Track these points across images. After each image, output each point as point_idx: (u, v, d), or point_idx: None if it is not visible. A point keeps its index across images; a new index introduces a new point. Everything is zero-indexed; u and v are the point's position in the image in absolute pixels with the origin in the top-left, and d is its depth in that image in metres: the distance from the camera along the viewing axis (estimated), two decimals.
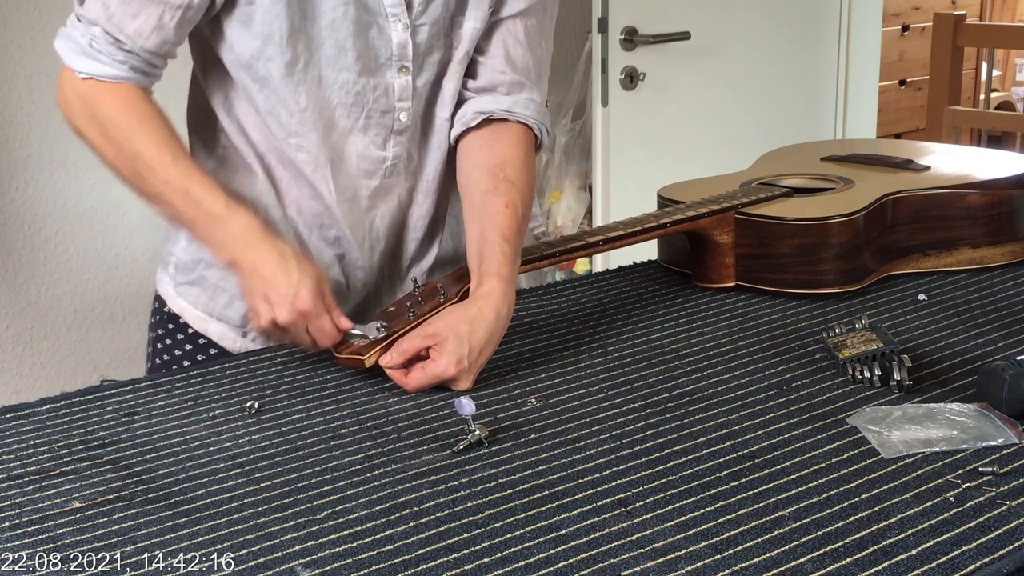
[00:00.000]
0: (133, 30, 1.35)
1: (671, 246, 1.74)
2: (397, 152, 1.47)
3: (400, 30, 1.41)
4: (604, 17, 2.93)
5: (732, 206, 1.62)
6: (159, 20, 1.35)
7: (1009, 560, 0.93)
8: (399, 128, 1.45)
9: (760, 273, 1.62)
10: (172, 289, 1.57)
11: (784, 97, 3.42)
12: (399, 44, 1.41)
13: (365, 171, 1.47)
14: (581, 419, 1.23)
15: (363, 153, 1.46)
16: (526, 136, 1.50)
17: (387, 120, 1.45)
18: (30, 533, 1.01)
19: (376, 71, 1.42)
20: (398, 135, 1.46)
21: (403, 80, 1.43)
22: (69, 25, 1.38)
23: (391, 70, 1.43)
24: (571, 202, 3.26)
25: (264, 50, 1.37)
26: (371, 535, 1.00)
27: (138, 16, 1.34)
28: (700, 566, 0.94)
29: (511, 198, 1.42)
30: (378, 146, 1.46)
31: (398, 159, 1.47)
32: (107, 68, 1.36)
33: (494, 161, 1.46)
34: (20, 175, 2.56)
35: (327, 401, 1.30)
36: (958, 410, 1.21)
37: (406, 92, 1.44)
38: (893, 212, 1.66)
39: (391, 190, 1.50)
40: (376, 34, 1.40)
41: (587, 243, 1.54)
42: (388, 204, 1.50)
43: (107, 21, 1.35)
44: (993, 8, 5.62)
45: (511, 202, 1.42)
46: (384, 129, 1.45)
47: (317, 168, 1.44)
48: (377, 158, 1.46)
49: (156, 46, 1.37)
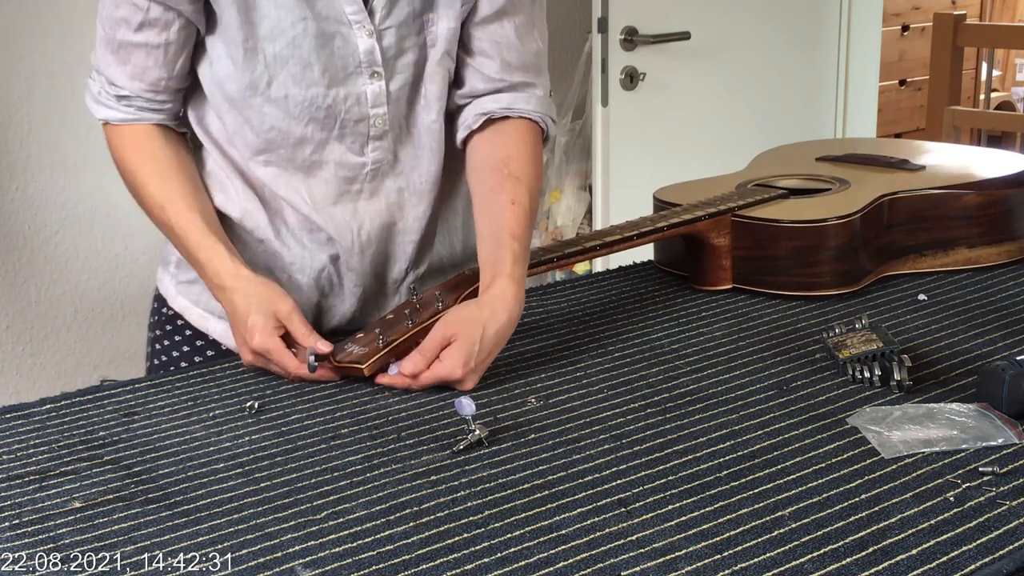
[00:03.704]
0: (125, 77, 1.42)
1: (668, 248, 1.74)
2: (377, 156, 1.46)
3: (365, 36, 1.39)
4: (604, 17, 2.93)
5: (729, 209, 1.62)
6: (144, 62, 1.41)
7: (1009, 560, 0.93)
8: (376, 134, 1.45)
9: (757, 275, 1.62)
10: (173, 287, 1.58)
11: (784, 97, 3.42)
12: (366, 51, 1.40)
13: (345, 178, 1.46)
14: (581, 419, 1.23)
15: (341, 160, 1.45)
16: (530, 130, 1.50)
17: (362, 128, 1.44)
18: (30, 533, 1.01)
19: (345, 81, 1.41)
20: (376, 140, 1.45)
21: (375, 86, 1.42)
22: (89, 78, 1.47)
23: (361, 77, 1.41)
24: (571, 202, 3.26)
25: (230, 71, 1.40)
26: (371, 535, 1.00)
27: (127, 63, 1.41)
28: (700, 566, 0.94)
29: (517, 195, 1.43)
30: (356, 152, 1.45)
31: (379, 163, 1.46)
32: (116, 113, 1.45)
33: (498, 158, 1.46)
34: (20, 175, 2.56)
35: (327, 401, 1.30)
36: (958, 410, 1.21)
37: (380, 98, 1.43)
38: (889, 213, 1.66)
39: (377, 193, 1.48)
40: (340, 44, 1.39)
41: (584, 248, 1.53)
42: (376, 207, 1.49)
43: (105, 69, 1.43)
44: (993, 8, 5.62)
45: (517, 199, 1.43)
46: (360, 136, 1.44)
47: (289, 182, 1.45)
48: (356, 164, 1.46)
49: (151, 86, 1.43)
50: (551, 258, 1.50)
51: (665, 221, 1.60)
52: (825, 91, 3.52)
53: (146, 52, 1.40)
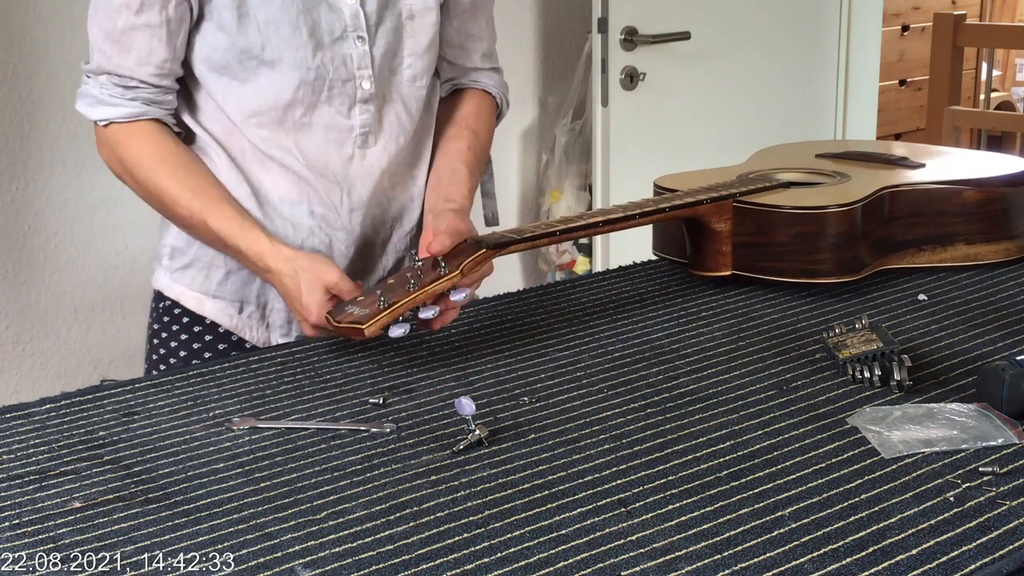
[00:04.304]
0: (131, 63, 1.46)
1: (666, 235, 1.74)
2: (364, 120, 1.53)
3: (351, 1, 1.48)
4: (604, 17, 2.94)
5: (731, 194, 1.63)
6: (149, 43, 1.45)
7: (1009, 560, 0.93)
8: (363, 97, 1.52)
9: (757, 262, 1.62)
10: (168, 278, 1.62)
11: (784, 97, 3.42)
12: (352, 15, 1.49)
13: (335, 140, 1.53)
14: (581, 419, 1.23)
15: (330, 124, 1.52)
16: (489, 101, 1.71)
17: (349, 89, 1.51)
18: (30, 533, 1.01)
19: (332, 44, 1.48)
20: (363, 103, 1.52)
21: (360, 49, 1.50)
22: (83, 85, 1.50)
23: (347, 41, 1.49)
24: (571, 202, 3.26)
25: (219, 40, 1.46)
26: (371, 535, 1.00)
27: (131, 49, 1.45)
28: (700, 566, 0.94)
29: (472, 143, 1.64)
30: (344, 115, 1.52)
31: (366, 127, 1.53)
32: (122, 109, 1.47)
33: (460, 115, 1.66)
34: (20, 175, 2.56)
35: (327, 401, 1.30)
36: (958, 410, 1.21)
37: (364, 60, 1.50)
38: (890, 205, 1.67)
39: (367, 156, 1.55)
40: (327, 9, 1.47)
41: (588, 223, 1.54)
42: (367, 170, 1.55)
43: (108, 64, 1.46)
44: (993, 8, 5.62)
45: (472, 146, 1.63)
46: (348, 98, 1.51)
47: (280, 144, 1.51)
48: (344, 127, 1.52)
49: (157, 69, 1.47)
50: (554, 232, 1.49)
51: (668, 203, 1.60)
52: (825, 91, 3.52)
53: (149, 33, 1.44)
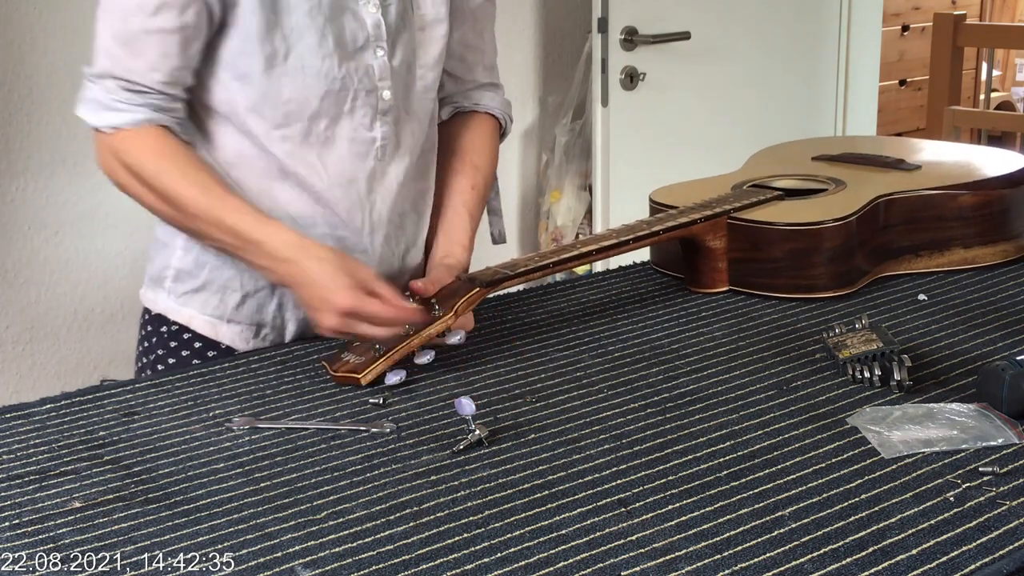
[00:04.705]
0: (142, 67, 1.39)
1: (664, 250, 1.74)
2: (385, 132, 1.51)
3: (372, 11, 1.46)
4: (604, 17, 2.93)
5: (724, 211, 1.62)
6: (162, 49, 1.38)
7: (1009, 560, 0.94)
8: (384, 108, 1.49)
9: (753, 278, 1.62)
10: (174, 302, 1.55)
11: (784, 97, 3.42)
12: (374, 24, 1.46)
13: (358, 154, 1.49)
14: (581, 419, 1.23)
15: (353, 136, 1.49)
16: (492, 125, 1.68)
17: (372, 100, 1.48)
18: (30, 533, 1.01)
19: (355, 54, 1.46)
20: (383, 115, 1.50)
21: (382, 60, 1.48)
22: (85, 89, 1.43)
23: (369, 51, 1.47)
24: (571, 202, 3.26)
25: (244, 47, 1.41)
26: (371, 535, 1.00)
27: (143, 53, 1.38)
28: (700, 566, 0.94)
29: (476, 181, 1.63)
30: (366, 127, 1.49)
31: (387, 139, 1.51)
32: (128, 115, 1.40)
33: (463, 147, 1.64)
34: (20, 175, 2.56)
35: (327, 401, 1.30)
36: (958, 410, 1.21)
37: (385, 71, 1.49)
38: (885, 214, 1.66)
39: (387, 171, 1.53)
40: (351, 19, 1.45)
41: (581, 253, 1.52)
42: (387, 186, 1.53)
43: (116, 67, 1.39)
44: (993, 8, 5.62)
45: (476, 184, 1.63)
46: (370, 109, 1.49)
47: (305, 157, 1.46)
48: (367, 139, 1.49)
49: (168, 76, 1.40)
50: (547, 264, 1.49)
51: (661, 224, 1.60)
52: (825, 91, 3.52)
53: (162, 38, 1.37)
